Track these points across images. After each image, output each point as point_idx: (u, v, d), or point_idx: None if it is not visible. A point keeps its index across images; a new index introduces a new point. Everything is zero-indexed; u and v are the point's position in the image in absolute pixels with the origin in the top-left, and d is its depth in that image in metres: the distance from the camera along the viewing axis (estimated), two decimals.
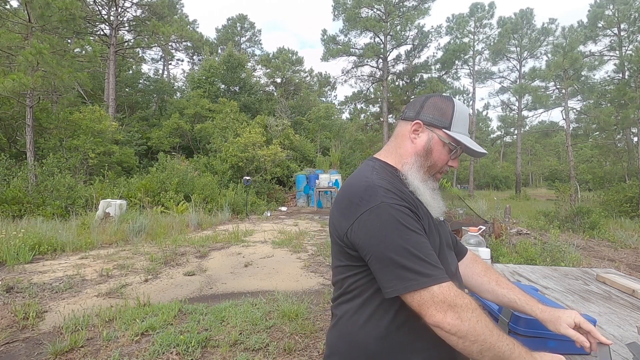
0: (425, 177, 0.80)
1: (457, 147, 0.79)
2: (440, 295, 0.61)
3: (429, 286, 0.62)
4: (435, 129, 0.79)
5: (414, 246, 0.64)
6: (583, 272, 1.68)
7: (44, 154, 10.41)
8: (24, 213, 7.25)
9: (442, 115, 0.79)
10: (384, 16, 20.39)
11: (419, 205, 0.75)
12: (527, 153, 34.69)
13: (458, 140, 0.78)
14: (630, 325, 1.05)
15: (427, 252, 0.65)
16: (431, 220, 0.78)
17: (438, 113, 0.79)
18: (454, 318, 0.60)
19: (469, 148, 0.79)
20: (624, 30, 17.36)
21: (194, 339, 2.38)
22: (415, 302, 0.63)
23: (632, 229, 7.60)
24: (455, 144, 0.79)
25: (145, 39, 17.19)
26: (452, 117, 0.79)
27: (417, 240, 0.66)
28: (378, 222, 0.67)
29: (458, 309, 0.61)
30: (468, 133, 0.82)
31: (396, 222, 0.66)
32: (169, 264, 4.62)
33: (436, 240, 0.76)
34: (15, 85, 8.10)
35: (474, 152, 0.80)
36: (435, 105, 0.80)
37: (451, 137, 0.78)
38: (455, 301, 0.61)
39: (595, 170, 16.30)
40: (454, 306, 0.61)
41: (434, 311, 0.61)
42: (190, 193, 9.77)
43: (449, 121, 0.79)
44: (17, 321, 2.73)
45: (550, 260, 4.20)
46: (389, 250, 0.64)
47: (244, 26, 31.07)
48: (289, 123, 17.32)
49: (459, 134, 0.79)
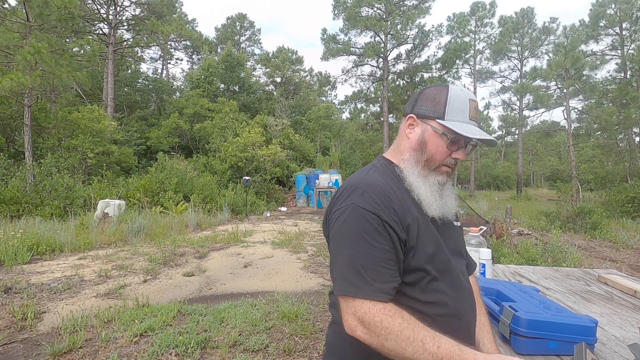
0: (425, 172, 0.76)
1: (452, 137, 0.73)
2: (361, 311, 0.63)
3: (353, 297, 0.64)
4: (429, 120, 0.75)
5: (359, 256, 0.65)
6: (585, 273, 1.67)
7: (42, 153, 10.39)
8: (22, 213, 7.23)
9: (435, 105, 0.75)
10: (384, 15, 20.36)
11: (406, 208, 0.71)
12: (529, 153, 34.69)
13: (450, 129, 0.72)
14: (632, 326, 1.03)
15: (368, 265, 0.65)
16: (424, 224, 0.73)
17: (431, 103, 0.76)
18: (363, 332, 0.63)
19: (467, 136, 0.71)
20: (625, 29, 17.34)
21: (193, 340, 2.37)
22: (341, 306, 0.67)
23: (634, 230, 7.57)
24: (450, 133, 0.73)
25: (144, 38, 17.19)
26: (445, 105, 0.74)
27: (366, 251, 0.65)
28: (342, 223, 0.69)
29: (367, 328, 0.63)
30: (471, 119, 0.74)
31: (354, 229, 0.67)
32: (168, 264, 4.61)
33: (429, 247, 0.71)
34: (13, 84, 8.08)
35: (478, 139, 0.74)
36: (429, 95, 0.77)
37: (445, 126, 0.73)
38: (368, 321, 0.62)
39: (597, 170, 16.28)
40: (365, 324, 0.63)
41: (349, 318, 0.65)
42: (190, 193, 9.76)
43: (442, 110, 0.74)
44: (15, 322, 2.71)
45: (552, 261, 4.19)
46: (339, 255, 0.68)
47: (244, 25, 31.05)
48: (288, 123, 17.30)
49: (454, 122, 0.73)
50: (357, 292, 0.64)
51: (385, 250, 0.66)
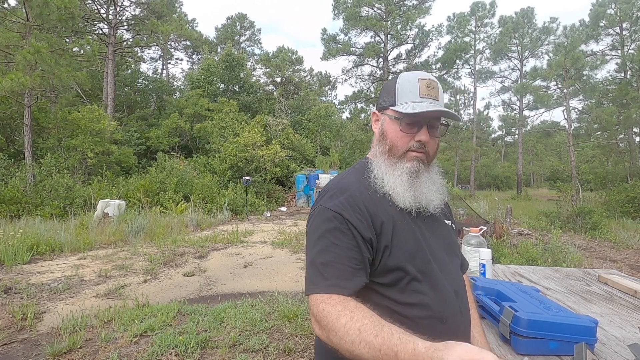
0: (392, 161, 0.74)
1: (402, 119, 0.72)
2: (314, 307, 0.63)
3: (310, 294, 0.65)
4: (385, 110, 0.76)
5: (320, 255, 0.66)
6: (585, 273, 1.67)
7: (42, 153, 10.39)
8: (22, 213, 7.23)
9: (388, 94, 0.76)
10: (384, 15, 20.37)
11: (379, 206, 0.70)
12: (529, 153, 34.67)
13: (399, 111, 0.72)
14: (632, 326, 1.03)
15: (328, 262, 0.64)
16: (402, 221, 0.71)
17: (386, 94, 0.77)
18: (317, 328, 0.62)
19: (414, 113, 0.70)
20: (626, 29, 17.35)
21: (193, 340, 2.37)
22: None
23: (634, 230, 7.57)
24: (399, 115, 0.72)
25: (144, 38, 17.18)
26: (395, 92, 0.74)
27: (327, 249, 0.65)
28: (310, 225, 0.71)
29: (319, 323, 0.62)
30: (423, 97, 0.72)
31: (318, 229, 0.68)
32: (168, 264, 4.61)
33: (407, 245, 0.69)
34: (13, 84, 8.08)
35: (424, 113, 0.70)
36: (385, 88, 0.78)
37: (395, 110, 0.73)
38: (317, 314, 0.61)
39: (597, 170, 16.26)
40: (317, 319, 0.62)
41: (311, 317, 0.64)
42: (190, 193, 9.76)
43: (393, 97, 0.75)
44: (15, 322, 2.71)
45: (552, 261, 4.19)
46: (307, 256, 0.69)
47: (244, 25, 31.04)
48: (288, 123, 17.30)
49: (404, 104, 0.72)
50: (314, 289, 0.64)
51: (347, 248, 0.65)
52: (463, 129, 24.17)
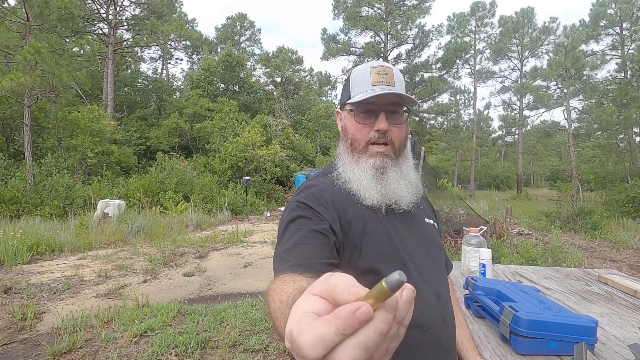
0: (356, 157, 0.71)
1: (355, 109, 0.70)
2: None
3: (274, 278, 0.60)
4: (344, 106, 0.75)
5: (284, 243, 0.60)
6: (585, 273, 1.67)
7: (42, 153, 10.40)
8: (22, 213, 7.23)
9: (345, 90, 0.75)
10: (384, 15, 20.37)
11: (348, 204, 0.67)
12: (529, 153, 34.68)
13: (352, 102, 0.70)
14: (632, 326, 1.03)
15: (291, 247, 0.58)
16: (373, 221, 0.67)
17: (344, 91, 0.76)
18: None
19: (362, 100, 0.67)
20: (626, 29, 17.35)
21: (193, 340, 2.37)
22: None
23: (634, 230, 7.58)
24: (353, 106, 0.70)
25: (144, 37, 17.18)
26: (350, 85, 0.73)
27: (290, 237, 0.60)
28: (283, 218, 0.67)
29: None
30: (375, 84, 0.68)
31: (284, 222, 0.65)
32: (167, 264, 4.61)
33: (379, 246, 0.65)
34: (13, 84, 8.08)
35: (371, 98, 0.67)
36: (344, 85, 0.77)
37: (350, 103, 0.71)
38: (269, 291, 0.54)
39: (597, 170, 16.27)
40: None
41: None
42: (189, 193, 9.76)
43: (349, 91, 0.73)
44: (15, 322, 2.71)
45: (552, 261, 4.18)
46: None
47: (244, 25, 31.05)
48: (288, 122, 17.30)
49: (357, 94, 0.70)
50: (276, 274, 0.55)
51: (310, 230, 0.60)
52: (463, 129, 24.17)
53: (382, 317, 0.23)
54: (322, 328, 0.23)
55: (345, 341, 0.23)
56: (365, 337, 0.23)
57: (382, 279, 0.23)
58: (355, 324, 0.23)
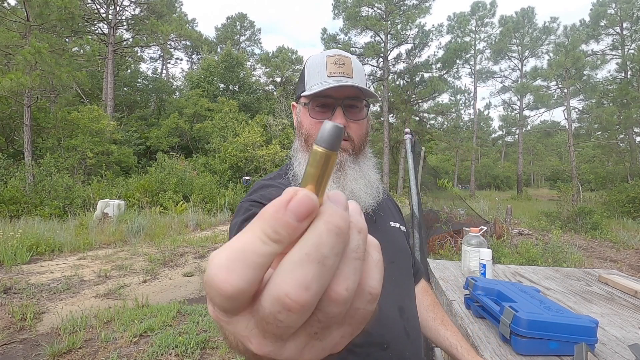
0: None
1: (310, 103, 0.65)
2: None
3: None
4: (299, 99, 0.69)
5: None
6: (585, 273, 1.66)
7: (41, 153, 10.40)
8: (22, 213, 7.23)
9: (300, 82, 0.70)
10: (384, 15, 20.38)
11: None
12: (529, 153, 34.69)
13: (305, 95, 0.65)
14: (632, 326, 1.03)
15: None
16: None
17: (299, 83, 0.70)
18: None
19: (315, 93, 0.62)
20: (626, 29, 17.36)
21: (192, 340, 2.37)
22: None
23: (634, 230, 7.57)
24: (307, 99, 0.65)
25: (144, 37, 17.19)
26: (304, 76, 0.67)
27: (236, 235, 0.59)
28: (235, 219, 0.66)
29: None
30: (331, 75, 0.63)
31: (242, 220, 0.63)
32: (167, 264, 4.60)
33: None
34: (13, 84, 8.08)
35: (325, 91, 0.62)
36: (298, 78, 0.72)
37: (304, 96, 0.66)
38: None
39: (598, 170, 16.29)
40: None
41: None
42: (189, 193, 9.76)
43: (303, 83, 0.68)
44: (15, 322, 2.71)
45: (552, 261, 4.18)
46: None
47: (244, 25, 31.06)
48: (288, 122, 17.31)
49: (312, 87, 0.65)
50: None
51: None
52: (463, 129, 24.19)
53: (332, 209, 0.15)
54: (240, 238, 0.15)
55: (286, 257, 0.15)
56: (315, 241, 0.14)
57: (313, 143, 0.16)
58: (293, 220, 0.15)
